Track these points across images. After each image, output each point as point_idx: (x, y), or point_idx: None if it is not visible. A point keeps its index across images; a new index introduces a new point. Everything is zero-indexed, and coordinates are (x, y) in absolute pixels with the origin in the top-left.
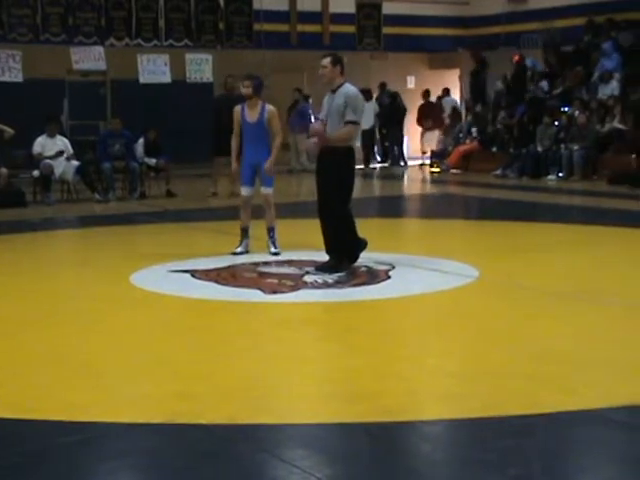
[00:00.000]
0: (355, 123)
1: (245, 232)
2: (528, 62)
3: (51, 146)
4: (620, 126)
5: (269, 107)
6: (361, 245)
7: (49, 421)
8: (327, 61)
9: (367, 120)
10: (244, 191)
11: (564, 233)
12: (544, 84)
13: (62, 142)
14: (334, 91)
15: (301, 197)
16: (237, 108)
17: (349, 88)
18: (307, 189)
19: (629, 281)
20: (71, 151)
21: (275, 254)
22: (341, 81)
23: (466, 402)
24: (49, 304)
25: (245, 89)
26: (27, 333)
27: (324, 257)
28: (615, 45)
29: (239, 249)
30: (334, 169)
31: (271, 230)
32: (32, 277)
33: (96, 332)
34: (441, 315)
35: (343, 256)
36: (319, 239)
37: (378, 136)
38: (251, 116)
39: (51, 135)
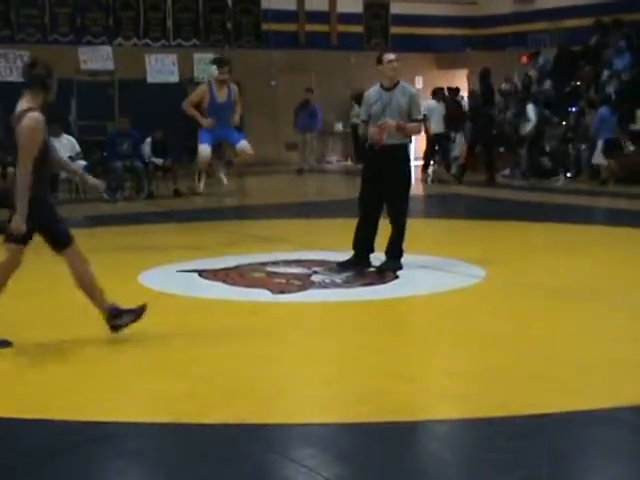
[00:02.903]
0: (423, 120)
1: (202, 174)
2: (540, 60)
3: (57, 146)
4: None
5: (233, 85)
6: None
7: (56, 420)
8: (397, 56)
9: (438, 123)
10: (207, 149)
11: (571, 233)
12: (547, 84)
13: (68, 141)
14: (388, 89)
15: (309, 197)
16: (204, 87)
17: (408, 86)
18: (315, 189)
19: (636, 281)
20: (78, 149)
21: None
22: (398, 78)
23: (472, 402)
24: (56, 303)
25: (224, 75)
26: (34, 332)
27: (334, 257)
28: (628, 44)
29: (202, 186)
30: (401, 166)
31: (231, 163)
32: (39, 276)
33: (103, 332)
34: (448, 315)
35: (402, 251)
36: (327, 239)
37: None
38: (220, 96)
39: (55, 135)
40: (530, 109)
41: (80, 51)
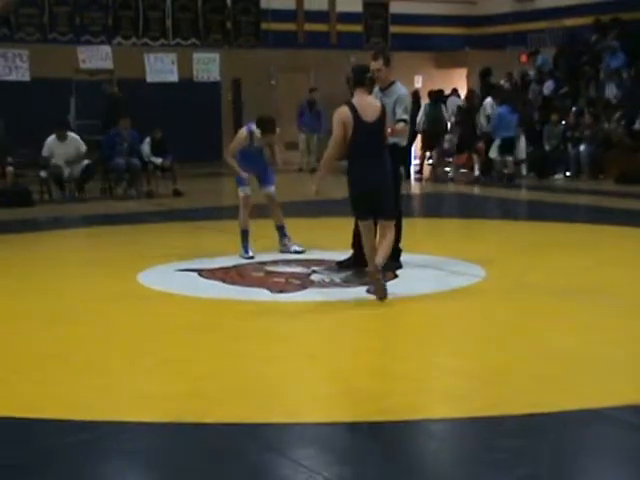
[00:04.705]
0: (406, 122)
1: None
2: (539, 60)
3: (61, 149)
4: None
5: None
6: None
7: (57, 420)
8: (379, 64)
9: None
10: (247, 190)
11: (570, 232)
12: (549, 84)
13: (73, 142)
14: (383, 90)
15: (309, 196)
16: (245, 133)
17: (400, 88)
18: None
19: (635, 281)
20: (85, 147)
21: (302, 252)
22: (391, 80)
23: (471, 401)
24: (56, 303)
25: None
26: (34, 332)
27: (333, 256)
28: (622, 43)
29: (251, 252)
30: (395, 167)
31: (282, 228)
32: (39, 276)
33: (103, 331)
34: (447, 315)
35: (400, 250)
36: (327, 238)
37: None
38: (258, 141)
39: (61, 139)
40: (422, 108)
41: (79, 50)
